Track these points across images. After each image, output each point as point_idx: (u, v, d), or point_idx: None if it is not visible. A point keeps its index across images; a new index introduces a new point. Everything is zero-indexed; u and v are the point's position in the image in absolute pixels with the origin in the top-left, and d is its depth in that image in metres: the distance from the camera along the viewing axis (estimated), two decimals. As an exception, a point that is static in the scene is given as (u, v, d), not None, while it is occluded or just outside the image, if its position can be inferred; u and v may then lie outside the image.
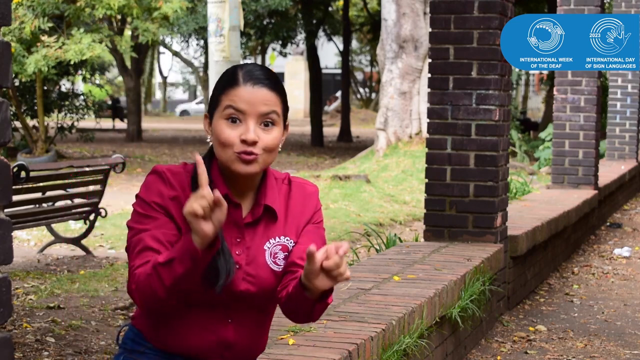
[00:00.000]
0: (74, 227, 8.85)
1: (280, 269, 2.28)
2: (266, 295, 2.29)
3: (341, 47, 31.08)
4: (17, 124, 17.25)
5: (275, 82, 2.25)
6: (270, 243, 2.29)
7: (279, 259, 2.28)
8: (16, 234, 8.37)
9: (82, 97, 19.63)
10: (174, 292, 2.10)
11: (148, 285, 2.09)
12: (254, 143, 2.18)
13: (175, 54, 36.99)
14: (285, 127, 2.29)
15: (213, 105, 2.24)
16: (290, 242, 2.30)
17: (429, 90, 5.46)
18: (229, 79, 2.23)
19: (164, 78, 49.31)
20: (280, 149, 2.28)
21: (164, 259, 2.06)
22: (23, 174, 6.45)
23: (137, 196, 2.23)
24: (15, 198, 5.96)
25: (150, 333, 2.30)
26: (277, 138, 2.23)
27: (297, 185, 2.35)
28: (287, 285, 2.25)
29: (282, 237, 2.29)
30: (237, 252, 2.26)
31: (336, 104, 42.23)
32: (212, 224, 2.00)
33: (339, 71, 37.54)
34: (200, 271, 2.08)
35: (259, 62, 44.26)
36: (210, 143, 2.26)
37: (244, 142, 2.18)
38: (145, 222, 2.19)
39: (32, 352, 4.70)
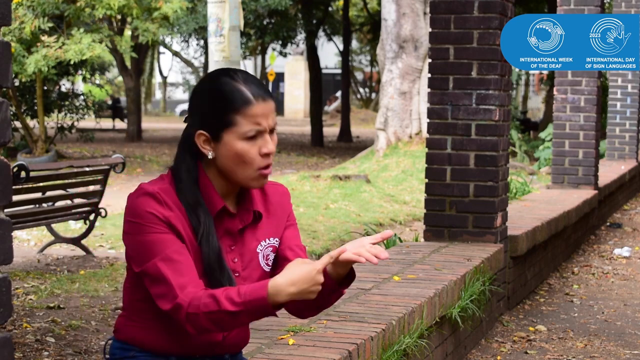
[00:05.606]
0: (74, 227, 8.84)
1: (269, 269, 2.34)
2: None
3: (341, 47, 31.07)
4: (17, 124, 17.25)
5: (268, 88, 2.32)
6: (262, 245, 2.33)
7: (270, 260, 2.34)
8: (16, 234, 8.37)
9: (82, 97, 19.63)
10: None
11: (207, 322, 2.13)
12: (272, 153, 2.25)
13: (175, 54, 36.97)
14: None
15: (221, 124, 2.19)
16: (277, 242, 2.36)
17: (429, 90, 5.46)
18: (240, 97, 2.19)
19: (164, 78, 49.27)
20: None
21: (232, 309, 2.10)
22: (23, 174, 6.44)
23: (130, 222, 2.18)
24: (15, 198, 5.95)
25: (138, 338, 2.30)
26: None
27: (270, 187, 2.39)
28: None
29: (271, 239, 2.34)
30: (234, 260, 2.29)
31: (336, 104, 42.21)
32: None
33: (339, 71, 37.54)
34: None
35: (259, 62, 44.28)
36: (212, 158, 2.24)
37: (265, 155, 2.21)
38: (158, 240, 2.16)
39: (32, 352, 4.70)
